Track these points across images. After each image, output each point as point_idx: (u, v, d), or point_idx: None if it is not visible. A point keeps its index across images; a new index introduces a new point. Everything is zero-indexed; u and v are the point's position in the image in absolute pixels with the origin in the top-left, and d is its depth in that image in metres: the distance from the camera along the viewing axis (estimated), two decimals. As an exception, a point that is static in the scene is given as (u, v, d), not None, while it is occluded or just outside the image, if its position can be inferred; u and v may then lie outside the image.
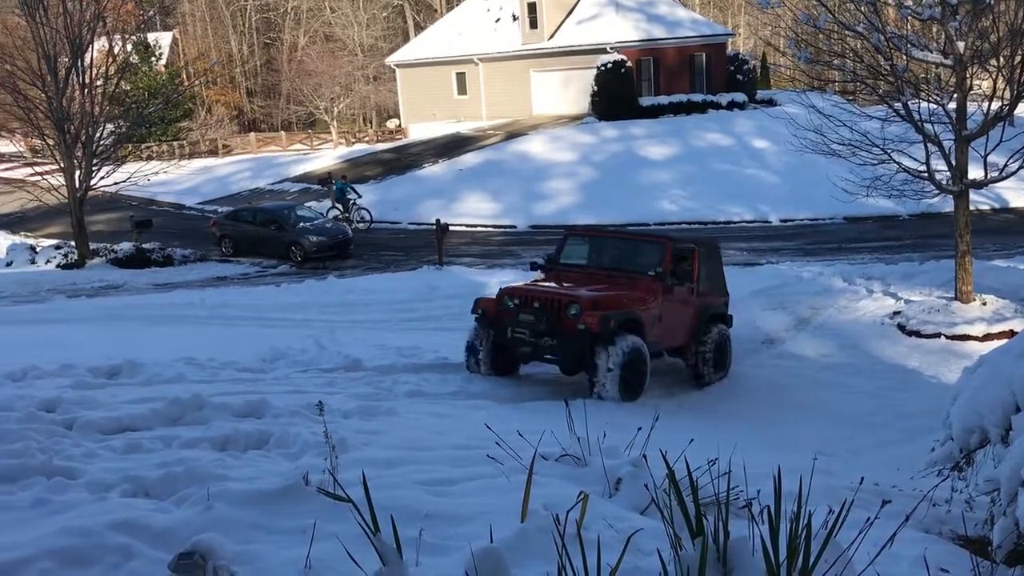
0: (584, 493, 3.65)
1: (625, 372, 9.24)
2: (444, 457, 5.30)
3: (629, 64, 37.16)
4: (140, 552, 3.55)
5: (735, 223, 26.78)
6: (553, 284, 10.29)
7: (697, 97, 38.01)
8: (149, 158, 33.76)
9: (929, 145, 14.05)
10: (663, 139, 33.73)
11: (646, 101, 37.55)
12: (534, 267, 11.36)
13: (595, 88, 37.26)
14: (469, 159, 34.33)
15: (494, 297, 10.23)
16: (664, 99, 37.59)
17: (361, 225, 26.42)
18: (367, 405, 7.37)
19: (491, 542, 3.15)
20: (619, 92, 36.63)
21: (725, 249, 22.33)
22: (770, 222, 26.68)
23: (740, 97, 38.56)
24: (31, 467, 4.74)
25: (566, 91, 40.10)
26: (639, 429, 4.83)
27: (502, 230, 27.15)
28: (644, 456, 4.40)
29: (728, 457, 4.40)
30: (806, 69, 16.07)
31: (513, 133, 37.44)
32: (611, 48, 37.68)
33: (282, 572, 3.22)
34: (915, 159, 14.41)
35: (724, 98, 38.21)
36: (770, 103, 38.14)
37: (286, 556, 3.41)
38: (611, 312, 9.36)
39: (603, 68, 36.94)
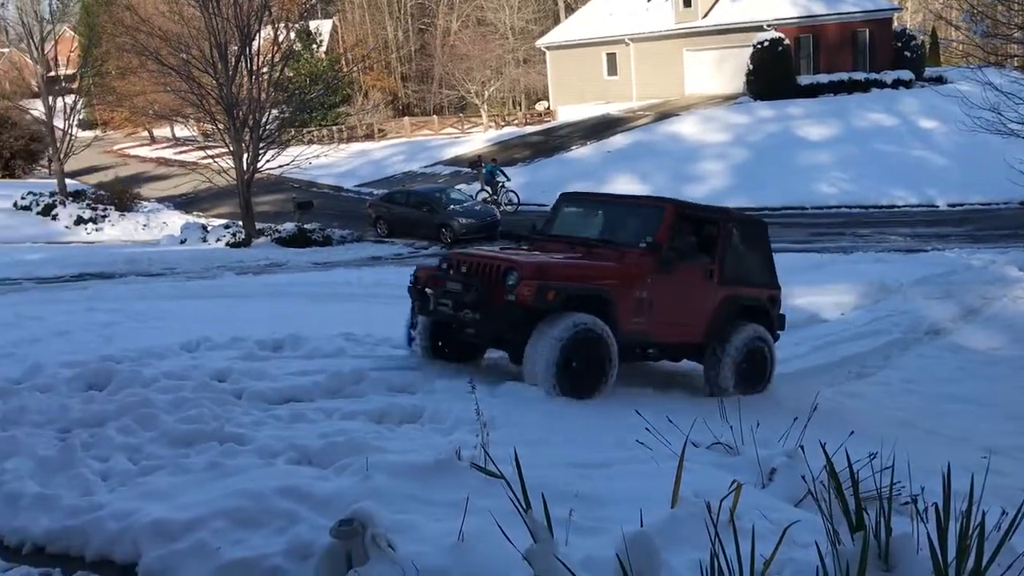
0: (737, 482, 3.59)
1: (568, 359, 6.87)
2: (594, 440, 5.32)
3: (787, 42, 35.91)
4: (304, 517, 3.74)
5: (898, 207, 25.51)
6: (506, 251, 8.33)
7: (859, 75, 36.37)
8: (310, 142, 35.18)
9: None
10: (822, 119, 32.45)
11: (804, 80, 36.22)
12: (517, 238, 9.18)
13: (751, 67, 36.24)
14: (618, 140, 34.07)
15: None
16: (824, 77, 36.17)
17: (509, 207, 26.70)
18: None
19: (641, 526, 3.13)
20: (776, 71, 35.47)
21: (887, 234, 21.45)
22: (937, 206, 25.27)
23: (906, 75, 36.62)
24: (205, 432, 5.06)
25: (720, 70, 39.17)
26: (795, 419, 4.69)
27: (651, 213, 26.80)
28: (801, 447, 4.26)
29: (890, 451, 4.22)
30: (982, 43, 15.07)
31: (664, 114, 36.88)
32: (768, 25, 36.51)
33: (436, 543, 3.30)
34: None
35: (889, 76, 36.38)
36: (939, 80, 35.99)
37: (440, 528, 3.50)
38: (556, 283, 7.02)
39: (759, 46, 35.84)
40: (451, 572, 3.09)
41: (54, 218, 26.36)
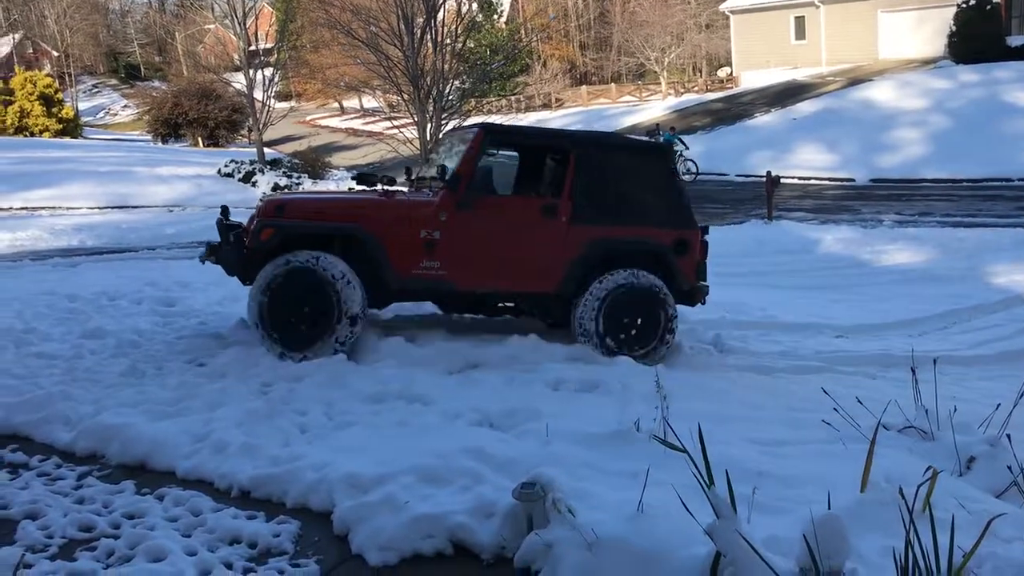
0: (933, 468, 3.41)
1: (276, 301, 6.20)
2: (776, 418, 5.19)
3: (997, -1, 33.15)
4: (487, 477, 3.87)
5: None
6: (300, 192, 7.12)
7: (1081, 33, 33.11)
8: (489, 112, 35.73)
9: None
10: (1035, 83, 29.82)
11: (1015, 41, 33.30)
12: (359, 179, 7.71)
13: (953, 28, 33.70)
14: (804, 107, 32.64)
15: None
16: (1039, 37, 33.17)
17: (687, 176, 26.18)
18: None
19: (828, 508, 3.04)
20: (982, 31, 32.82)
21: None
22: None
23: None
24: (393, 392, 5.31)
25: (918, 32, 36.72)
26: (998, 405, 4.39)
27: (838, 183, 25.57)
28: (1008, 436, 3.99)
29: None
30: None
31: (855, 79, 34.98)
32: (975, -18, 33.80)
33: (615, 512, 3.33)
34: None
35: (1117, 33, 32.93)
36: None
37: (619, 498, 3.53)
38: (278, 220, 6.36)
39: (964, 5, 33.26)
40: (631, 541, 3.11)
41: (254, 184, 28.07)
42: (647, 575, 3.00)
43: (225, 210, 6.90)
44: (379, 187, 7.05)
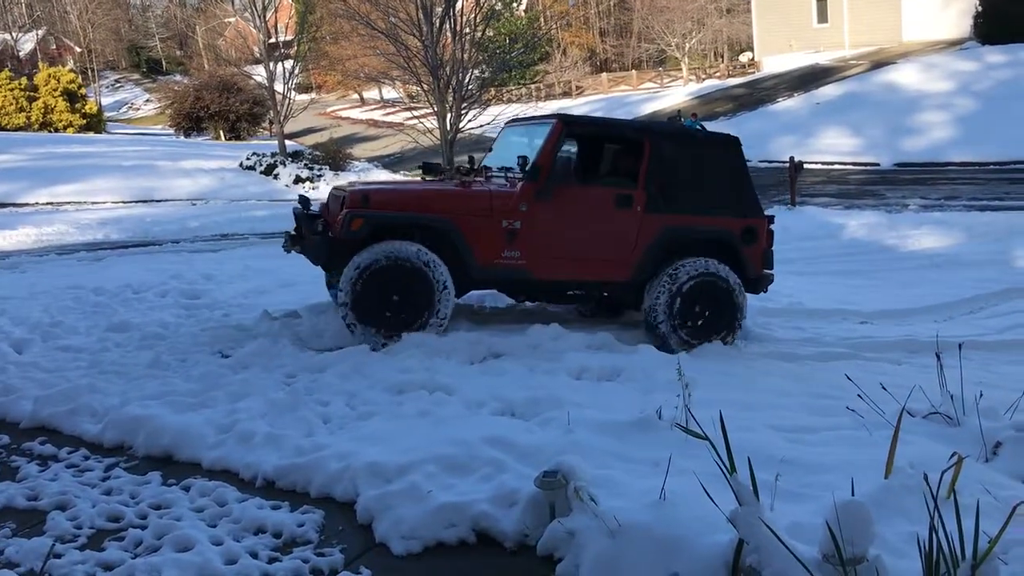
0: (958, 454, 3.39)
1: (369, 291, 6.28)
2: (800, 404, 5.16)
3: (1024, -23, 32.62)
4: (510, 466, 3.88)
5: None
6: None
7: (1111, 12, 32.50)
8: (509, 101, 35.69)
9: None
10: (1064, 63, 29.39)
11: (1043, 20, 32.80)
12: (425, 169, 8.45)
13: (979, 8, 33.23)
14: (827, 91, 32.35)
15: None
16: (1067, 16, 32.60)
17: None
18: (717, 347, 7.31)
19: (852, 495, 3.03)
20: (1010, 10, 32.30)
21: None
22: None
23: None
24: (416, 382, 5.33)
25: (943, 13, 36.22)
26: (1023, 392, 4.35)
27: (863, 168, 25.34)
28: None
29: None
30: None
31: (879, 62, 34.61)
32: (1002, -40, 33.27)
33: (638, 499, 3.34)
34: None
35: None
36: None
37: (641, 485, 3.53)
38: (369, 212, 6.42)
39: (991, -16, 32.80)
40: (653, 528, 3.12)
41: (275, 177, 28.22)
42: (670, 562, 3.00)
43: (305, 200, 6.99)
44: (453, 176, 7.06)
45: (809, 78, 35.31)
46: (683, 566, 2.97)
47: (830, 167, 25.54)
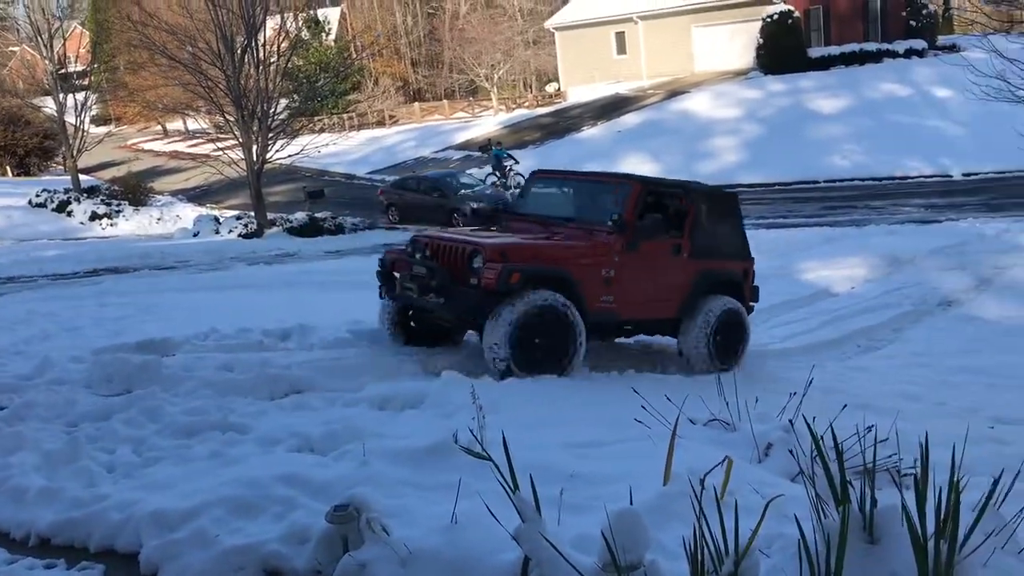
0: (728, 457, 3.60)
1: (524, 336, 6.83)
2: (592, 418, 5.33)
3: (797, 14, 35.60)
4: (302, 503, 3.78)
5: (912, 178, 25.29)
6: (474, 233, 8.08)
7: (871, 46, 35.98)
8: (321, 130, 35.22)
9: None
10: (834, 91, 32.20)
11: (815, 52, 35.89)
12: (475, 214, 9.51)
13: (760, 41, 35.96)
14: (629, 120, 33.94)
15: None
16: (835, 49, 35.82)
17: (518, 191, 26.65)
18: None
19: (631, 503, 3.15)
20: (786, 44, 35.20)
21: (900, 206, 21.24)
22: (951, 176, 25.04)
23: (919, 44, 36.19)
24: (208, 423, 5.13)
25: (730, 46, 38.88)
26: (792, 394, 4.69)
27: (663, 191, 26.67)
28: (805, 421, 4.25)
29: (891, 424, 4.22)
30: (989, 11, 14.85)
31: (674, 91, 36.68)
32: (777, -1, 36.15)
33: (429, 525, 3.34)
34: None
35: (901, 46, 35.99)
36: (953, 49, 35.55)
37: (434, 511, 3.54)
38: (519, 265, 6.95)
39: (769, 19, 35.56)
40: (443, 553, 3.13)
41: (69, 214, 26.56)
42: (459, 585, 3.01)
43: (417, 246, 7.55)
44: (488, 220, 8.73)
45: (611, 107, 36.92)
46: (472, 587, 2.99)
47: (634, 191, 26.71)
